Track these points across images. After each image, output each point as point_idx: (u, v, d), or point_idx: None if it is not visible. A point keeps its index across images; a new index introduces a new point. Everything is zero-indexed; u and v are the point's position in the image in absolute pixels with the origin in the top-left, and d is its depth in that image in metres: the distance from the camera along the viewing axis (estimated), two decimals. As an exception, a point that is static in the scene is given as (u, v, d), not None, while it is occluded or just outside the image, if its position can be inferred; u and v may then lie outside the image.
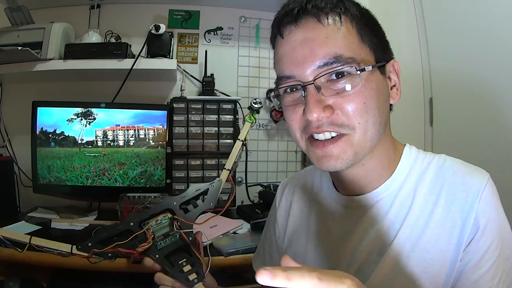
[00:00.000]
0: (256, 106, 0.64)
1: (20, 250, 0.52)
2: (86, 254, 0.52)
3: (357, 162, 0.49)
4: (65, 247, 0.52)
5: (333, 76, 0.47)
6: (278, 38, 0.51)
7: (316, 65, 0.46)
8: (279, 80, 0.51)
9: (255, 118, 0.65)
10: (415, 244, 0.48)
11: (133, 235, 0.54)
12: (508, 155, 0.92)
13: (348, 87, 0.46)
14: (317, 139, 0.48)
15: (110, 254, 0.53)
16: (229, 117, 1.33)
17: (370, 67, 0.47)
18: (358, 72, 0.46)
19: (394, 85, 0.53)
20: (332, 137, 0.48)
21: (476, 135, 1.03)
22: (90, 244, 0.53)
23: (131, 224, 0.55)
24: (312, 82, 0.46)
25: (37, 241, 0.52)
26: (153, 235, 0.54)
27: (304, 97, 0.48)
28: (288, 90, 0.51)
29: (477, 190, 0.47)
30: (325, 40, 0.46)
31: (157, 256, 0.53)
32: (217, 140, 1.33)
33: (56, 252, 0.52)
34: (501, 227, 0.47)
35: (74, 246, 0.52)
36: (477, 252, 0.45)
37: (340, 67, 0.46)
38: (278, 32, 0.50)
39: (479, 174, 0.49)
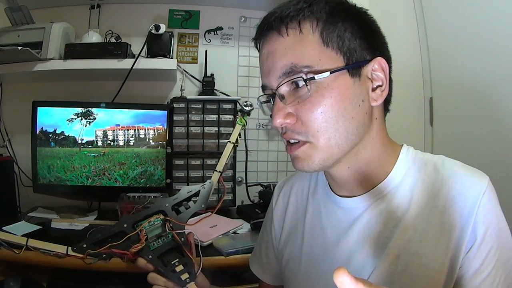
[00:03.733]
0: (247, 108, 0.65)
1: (17, 252, 0.53)
2: (81, 255, 0.53)
3: (333, 165, 0.51)
4: (60, 249, 0.53)
5: (295, 85, 0.48)
6: (258, 50, 0.55)
7: (277, 76, 0.49)
8: (262, 87, 0.54)
9: (246, 121, 0.65)
10: (412, 247, 0.48)
11: (127, 236, 0.55)
12: (508, 155, 0.92)
13: (305, 95, 0.47)
14: (289, 141, 0.51)
15: (104, 255, 0.54)
16: (229, 117, 1.34)
17: (327, 74, 0.46)
18: (306, 82, 0.46)
19: (380, 85, 0.50)
20: (298, 142, 0.49)
21: (476, 135, 1.03)
22: (85, 245, 0.54)
23: (125, 225, 0.56)
24: (275, 91, 0.49)
25: (33, 243, 0.53)
26: (146, 236, 0.55)
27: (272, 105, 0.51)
28: (266, 98, 0.55)
29: (476, 194, 0.46)
30: (284, 51, 0.48)
31: (150, 256, 0.54)
32: (217, 140, 1.33)
33: (52, 254, 0.53)
34: (500, 230, 0.47)
35: (70, 248, 0.53)
36: (477, 258, 0.45)
37: (295, 77, 0.47)
38: (255, 45, 0.55)
39: (479, 177, 0.48)
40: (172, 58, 1.29)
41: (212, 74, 1.42)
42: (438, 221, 0.47)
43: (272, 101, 0.51)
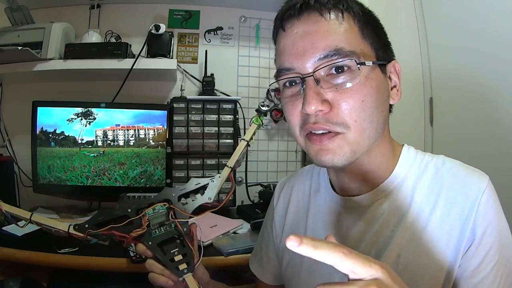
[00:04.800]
0: (263, 108, 0.62)
1: (21, 226, 0.55)
2: (82, 234, 0.54)
3: (355, 160, 0.49)
4: (62, 226, 0.54)
5: (333, 71, 0.46)
6: (280, 31, 0.51)
7: (317, 57, 0.46)
8: (279, 72, 0.51)
9: (262, 121, 0.63)
10: (413, 247, 0.48)
11: (128, 220, 0.55)
12: (508, 154, 0.92)
13: (347, 82, 0.46)
14: (315, 133, 0.48)
15: (104, 236, 0.54)
16: (229, 117, 1.33)
17: (371, 63, 0.47)
18: (358, 66, 0.46)
19: (395, 86, 0.53)
20: (329, 132, 0.47)
21: (476, 135, 1.03)
22: (86, 225, 0.54)
23: (129, 210, 0.56)
24: (311, 74, 0.46)
25: (37, 218, 0.55)
26: (148, 222, 0.55)
27: (303, 90, 0.47)
28: (288, 84, 0.51)
29: (476, 194, 0.47)
30: (326, 33, 0.46)
31: (150, 243, 0.54)
32: (217, 140, 1.33)
33: (53, 230, 0.54)
34: (500, 230, 0.47)
35: (72, 226, 0.54)
36: (476, 257, 0.45)
37: (340, 60, 0.45)
38: (280, 25, 0.51)
39: (479, 176, 0.49)
40: (172, 58, 1.29)
41: (212, 74, 1.42)
42: (438, 220, 0.48)
43: (302, 85, 0.47)
